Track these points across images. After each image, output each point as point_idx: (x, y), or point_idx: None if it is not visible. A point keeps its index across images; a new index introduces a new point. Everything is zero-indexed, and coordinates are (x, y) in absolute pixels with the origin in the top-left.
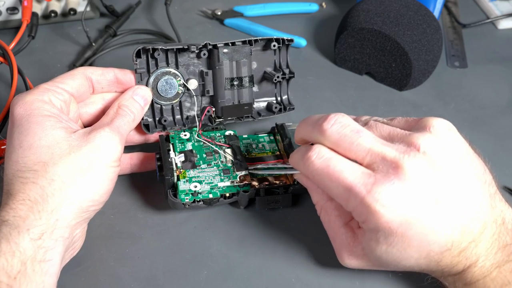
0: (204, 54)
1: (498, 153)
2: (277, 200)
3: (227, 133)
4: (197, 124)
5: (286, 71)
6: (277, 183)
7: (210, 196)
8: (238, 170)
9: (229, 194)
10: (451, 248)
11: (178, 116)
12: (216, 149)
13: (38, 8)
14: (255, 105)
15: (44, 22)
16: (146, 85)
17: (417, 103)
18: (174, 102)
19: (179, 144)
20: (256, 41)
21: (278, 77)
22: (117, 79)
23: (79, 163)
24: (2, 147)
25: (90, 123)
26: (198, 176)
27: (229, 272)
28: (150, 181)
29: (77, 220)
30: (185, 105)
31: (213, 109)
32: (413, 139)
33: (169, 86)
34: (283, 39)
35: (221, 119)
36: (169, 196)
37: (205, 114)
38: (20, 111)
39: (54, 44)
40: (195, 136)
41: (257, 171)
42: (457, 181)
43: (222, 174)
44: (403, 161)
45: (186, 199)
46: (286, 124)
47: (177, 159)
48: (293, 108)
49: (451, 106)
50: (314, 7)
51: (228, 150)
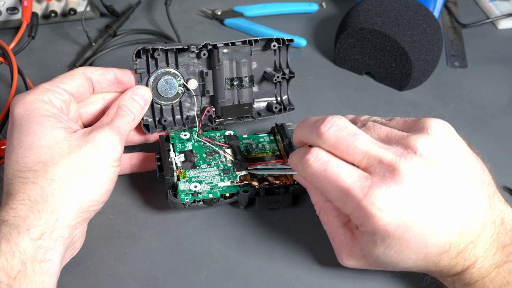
0: (204, 54)
1: (498, 153)
2: (277, 200)
3: (227, 133)
4: (197, 124)
5: (286, 71)
6: (277, 183)
7: (210, 196)
8: (238, 170)
9: (229, 194)
10: (449, 250)
11: (178, 116)
12: (216, 149)
13: (38, 8)
14: (255, 105)
15: (44, 22)
16: (146, 85)
17: (417, 103)
18: (174, 102)
19: (179, 144)
20: (256, 41)
21: (278, 77)
22: (117, 79)
23: (79, 163)
24: (2, 147)
25: (90, 123)
26: (198, 176)
27: (229, 272)
28: (150, 181)
29: (77, 220)
30: (185, 105)
31: (213, 109)
32: (410, 142)
33: (169, 86)
34: (283, 39)
35: (221, 119)
36: (169, 196)
37: (205, 114)
38: (20, 111)
39: (54, 44)
40: (195, 136)
41: (257, 171)
42: (455, 183)
43: (222, 174)
44: (400, 164)
45: (186, 199)
46: (286, 124)
47: (177, 159)
48: (293, 108)
49: (451, 106)
50: (314, 7)
51: (228, 150)
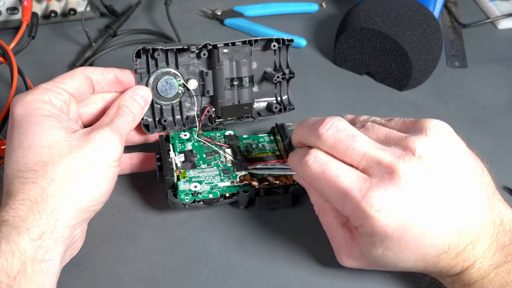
0: (204, 54)
1: (498, 153)
2: (277, 200)
3: (227, 133)
4: (197, 124)
5: (286, 71)
6: (277, 183)
7: (210, 196)
8: (238, 170)
9: (229, 194)
10: (448, 251)
11: (178, 116)
12: (216, 149)
13: (38, 8)
14: (255, 105)
15: (44, 22)
16: (146, 85)
17: (417, 103)
18: (174, 102)
19: (179, 144)
20: (256, 41)
21: (278, 77)
22: (117, 79)
23: (79, 163)
24: (2, 147)
25: (90, 123)
26: (198, 176)
27: (229, 272)
28: (150, 181)
29: (77, 220)
30: (185, 105)
31: (213, 109)
32: (409, 143)
33: (169, 86)
34: (283, 39)
35: (221, 119)
36: (169, 196)
37: (205, 114)
38: (20, 111)
39: (54, 44)
40: (195, 136)
41: (256, 171)
42: (454, 184)
43: (222, 174)
44: (398, 166)
45: (186, 199)
46: (286, 124)
47: (177, 159)
48: (293, 108)
49: (451, 106)
50: (314, 7)
51: (228, 150)
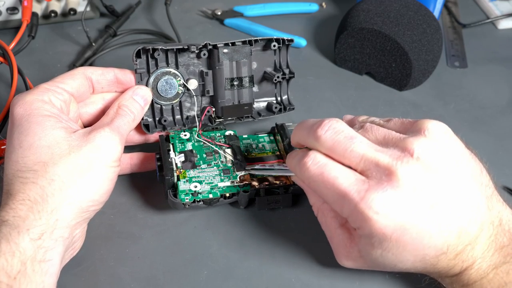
0: (204, 54)
1: (498, 153)
2: (277, 200)
3: (227, 133)
4: (197, 124)
5: (286, 71)
6: (277, 183)
7: (210, 196)
8: (238, 170)
9: (229, 194)
10: (447, 252)
11: (178, 116)
12: (216, 149)
13: (38, 8)
14: (255, 105)
15: (44, 22)
16: (146, 85)
17: (417, 103)
18: (174, 102)
19: (179, 144)
20: (256, 41)
21: (278, 77)
22: (117, 79)
23: (79, 163)
24: (2, 147)
25: (90, 123)
26: (198, 176)
27: (229, 272)
28: (150, 181)
29: (77, 220)
30: (185, 105)
31: (213, 109)
32: (407, 144)
33: (169, 86)
34: (283, 39)
35: (221, 119)
36: (169, 196)
37: (205, 114)
38: (20, 111)
39: (54, 44)
40: (195, 136)
41: (255, 171)
42: (453, 185)
43: (222, 174)
44: (396, 168)
45: (186, 199)
46: (286, 124)
47: (177, 159)
48: (293, 108)
49: (451, 106)
50: (314, 7)
51: (228, 150)
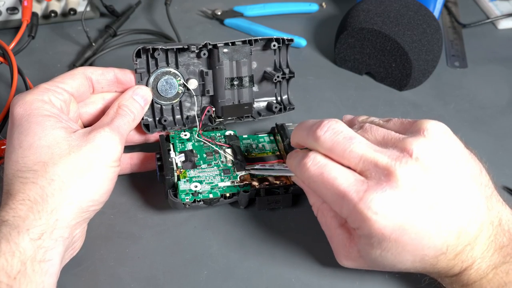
0: (204, 54)
1: (498, 153)
2: (277, 200)
3: (227, 133)
4: (197, 124)
5: (286, 71)
6: (277, 183)
7: (210, 196)
8: (239, 170)
9: (229, 194)
10: (446, 252)
11: (178, 116)
12: (217, 149)
13: (38, 8)
14: (255, 105)
15: (44, 22)
16: (146, 85)
17: (417, 103)
18: (174, 102)
19: (179, 144)
20: (256, 41)
21: (278, 77)
22: (117, 79)
23: (79, 163)
24: (2, 147)
25: (90, 123)
26: (199, 176)
27: (229, 272)
28: (150, 181)
29: (77, 220)
30: (185, 105)
31: (213, 109)
32: (406, 144)
33: (169, 86)
34: (283, 39)
35: (221, 119)
36: (170, 196)
37: (205, 114)
38: (20, 111)
39: (54, 44)
40: (195, 136)
41: (255, 171)
42: (452, 185)
43: (223, 174)
44: (395, 168)
45: (187, 199)
46: (286, 124)
47: (178, 159)
48: (293, 108)
49: (451, 106)
50: (314, 7)
51: (229, 150)
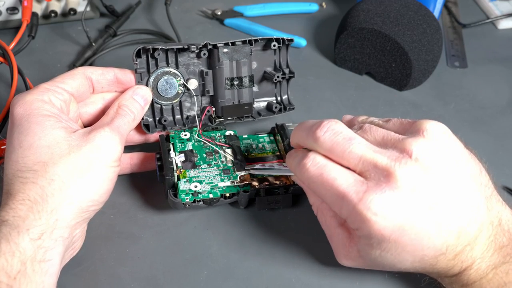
0: (204, 54)
1: (498, 153)
2: (277, 200)
3: (227, 133)
4: (197, 124)
5: (286, 71)
6: (277, 183)
7: (210, 196)
8: (239, 170)
9: (229, 194)
10: (446, 252)
11: (178, 116)
12: (217, 149)
13: (38, 8)
14: (255, 105)
15: (44, 22)
16: (146, 85)
17: (417, 103)
18: (174, 102)
19: (179, 144)
20: (256, 41)
21: (278, 77)
22: (117, 79)
23: (79, 163)
24: (2, 147)
25: (90, 123)
26: (199, 176)
27: (229, 272)
28: (150, 181)
29: (77, 220)
30: (185, 105)
31: (213, 109)
32: (406, 145)
33: (169, 86)
34: (283, 39)
35: (221, 119)
36: (169, 196)
37: (205, 114)
38: (20, 111)
39: (54, 44)
40: (195, 136)
41: (255, 171)
42: (452, 185)
43: (223, 174)
44: (395, 169)
45: (186, 199)
46: (286, 125)
47: (177, 159)
48: (293, 108)
49: (451, 106)
50: (314, 7)
51: (229, 150)
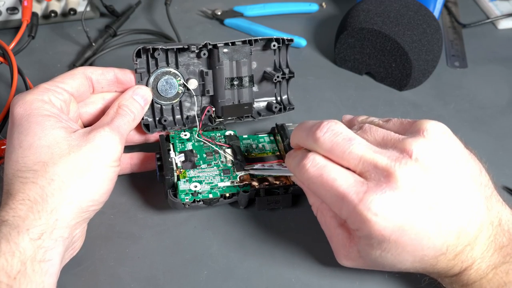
0: (204, 54)
1: (498, 153)
2: (277, 201)
3: (227, 133)
4: (197, 124)
5: (286, 71)
6: (277, 184)
7: (210, 196)
8: (238, 170)
9: (229, 194)
10: (446, 252)
11: (178, 116)
12: (216, 149)
13: (38, 8)
14: (255, 105)
15: (44, 22)
16: (146, 85)
17: (417, 103)
18: (174, 102)
19: (179, 144)
20: (256, 41)
21: (278, 77)
22: (117, 79)
23: (79, 163)
24: (2, 147)
25: (90, 123)
26: (198, 176)
27: (229, 272)
28: (150, 181)
29: (77, 220)
30: (185, 105)
31: (213, 109)
32: (406, 145)
33: (169, 86)
34: (283, 39)
35: (221, 119)
36: (169, 196)
37: (205, 114)
38: (20, 111)
39: (54, 44)
40: (195, 136)
41: (255, 171)
42: (452, 185)
43: (222, 174)
44: (395, 169)
45: (186, 199)
46: (286, 125)
47: (177, 159)
48: (293, 108)
49: (451, 106)
50: (314, 7)
51: (228, 150)
